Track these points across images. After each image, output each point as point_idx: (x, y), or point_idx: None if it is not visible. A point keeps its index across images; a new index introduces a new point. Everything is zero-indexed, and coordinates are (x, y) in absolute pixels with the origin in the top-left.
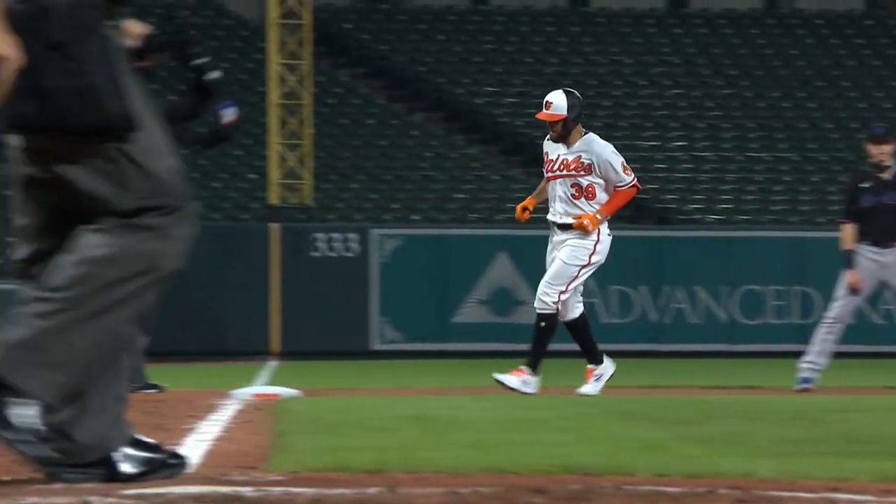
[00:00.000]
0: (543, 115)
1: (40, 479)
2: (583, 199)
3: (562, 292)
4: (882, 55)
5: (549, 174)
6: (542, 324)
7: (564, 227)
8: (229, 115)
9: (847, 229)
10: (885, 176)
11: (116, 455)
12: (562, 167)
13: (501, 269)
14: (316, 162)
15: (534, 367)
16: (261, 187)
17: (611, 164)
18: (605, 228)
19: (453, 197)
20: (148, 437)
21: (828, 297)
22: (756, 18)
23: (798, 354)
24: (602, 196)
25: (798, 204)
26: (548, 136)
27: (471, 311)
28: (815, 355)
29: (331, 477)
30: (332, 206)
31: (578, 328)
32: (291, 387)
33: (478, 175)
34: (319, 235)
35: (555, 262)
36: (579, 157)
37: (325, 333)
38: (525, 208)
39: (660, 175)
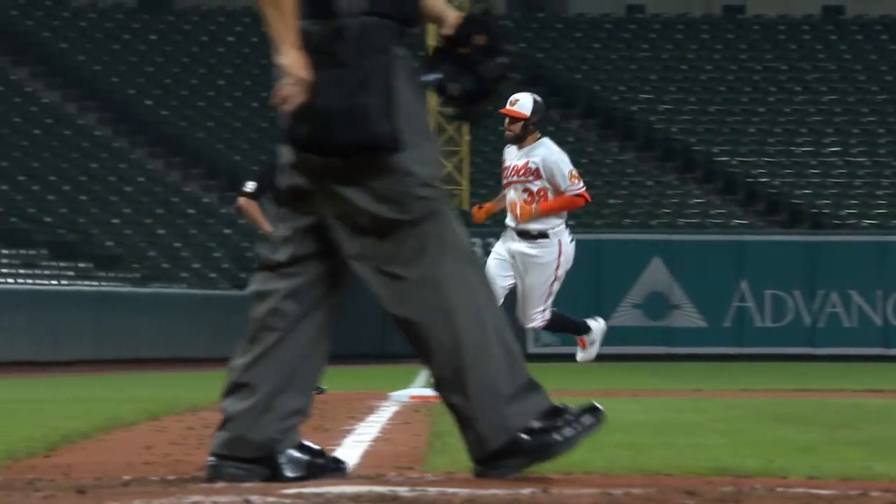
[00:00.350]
0: (507, 110)
1: (203, 478)
2: (535, 205)
3: (543, 310)
4: None
5: (505, 181)
6: (547, 329)
7: (522, 234)
8: (453, 89)
9: None
10: None
11: (281, 456)
12: (513, 173)
13: (655, 274)
14: (472, 168)
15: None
16: None
17: (557, 169)
18: (565, 238)
19: (608, 202)
20: (309, 438)
21: None
22: None
23: None
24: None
25: None
26: (508, 146)
27: (625, 315)
28: None
29: (484, 479)
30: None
31: (553, 324)
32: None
33: (632, 181)
34: (476, 240)
35: (525, 287)
36: (527, 161)
37: None
38: (485, 209)
39: (814, 180)
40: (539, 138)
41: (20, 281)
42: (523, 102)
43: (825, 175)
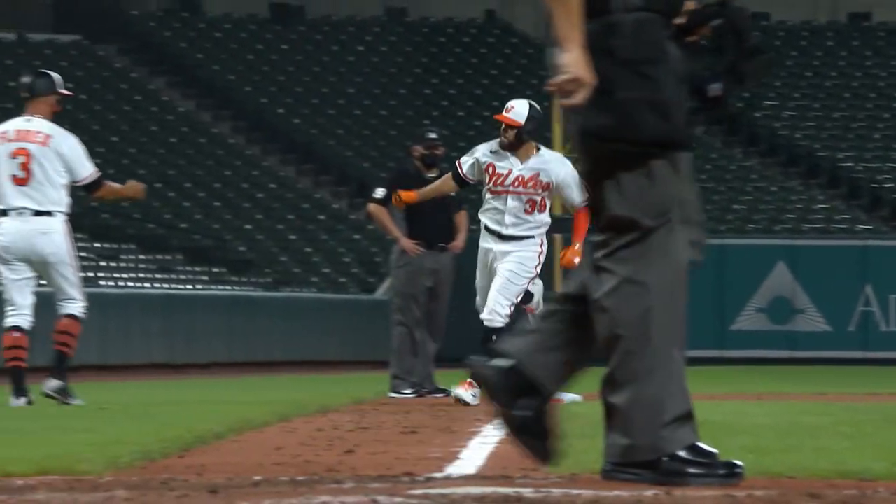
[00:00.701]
0: (503, 116)
1: (332, 478)
2: (535, 213)
3: (512, 304)
4: None
5: (499, 188)
6: (494, 338)
7: (511, 239)
8: (715, 90)
9: None
10: None
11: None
12: (517, 183)
13: (779, 278)
14: None
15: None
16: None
17: (574, 182)
18: (544, 237)
19: (732, 208)
20: (437, 439)
21: None
22: None
23: None
24: (547, 205)
25: None
26: (489, 148)
27: (749, 319)
28: None
29: (606, 484)
30: None
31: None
32: (573, 392)
33: (756, 186)
34: None
35: (502, 274)
36: (537, 174)
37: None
38: (404, 200)
39: None
40: (538, 149)
41: (156, 285)
42: (518, 110)
43: None
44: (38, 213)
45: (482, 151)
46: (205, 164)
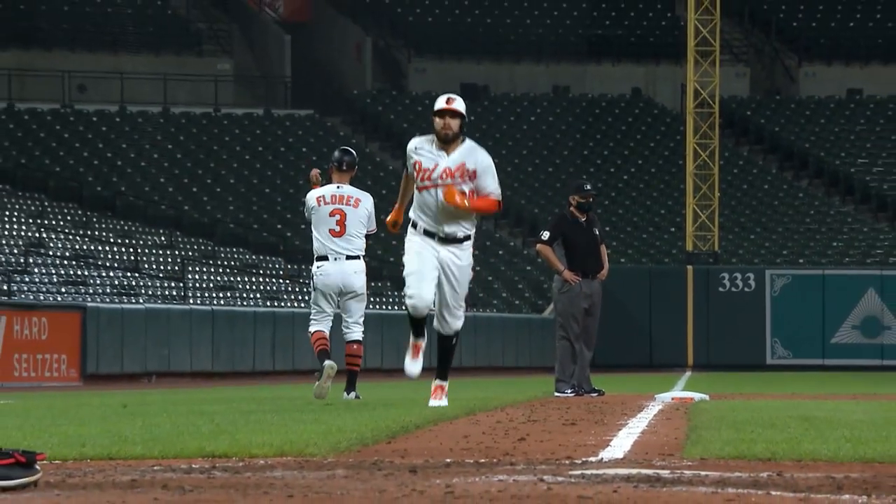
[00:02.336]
0: (450, 106)
1: (507, 461)
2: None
3: (464, 309)
4: None
5: (426, 182)
6: (454, 340)
7: (447, 240)
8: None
9: None
10: None
11: None
12: (445, 176)
13: (870, 301)
14: (721, 218)
15: (445, 377)
16: (679, 238)
17: (491, 172)
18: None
19: (832, 245)
20: (589, 431)
21: None
22: None
23: None
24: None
25: None
26: (415, 145)
27: (846, 335)
28: None
29: (731, 463)
30: (735, 252)
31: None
32: (702, 392)
33: (851, 227)
34: (725, 275)
35: (451, 284)
36: (464, 164)
37: (729, 351)
38: (395, 223)
39: None
40: (463, 140)
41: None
42: (459, 101)
43: None
44: (353, 258)
45: (410, 147)
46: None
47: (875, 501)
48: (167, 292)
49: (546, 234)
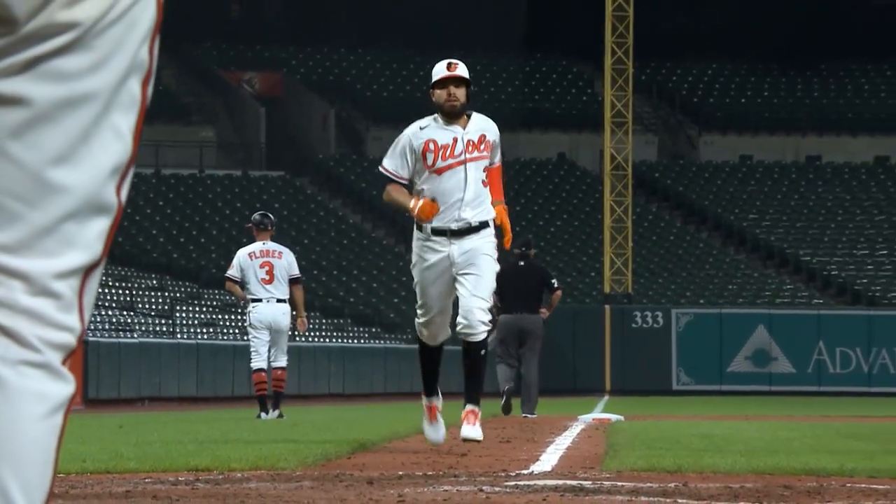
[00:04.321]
0: (454, 73)
1: (451, 474)
2: (487, 185)
3: (490, 309)
4: None
5: (449, 160)
6: (483, 351)
7: (462, 233)
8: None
9: None
10: None
11: None
12: (471, 148)
13: (760, 336)
14: (634, 264)
15: (477, 401)
16: (598, 281)
17: (499, 143)
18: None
19: (727, 287)
20: (521, 448)
21: None
22: None
23: None
24: None
25: None
26: (418, 126)
27: (740, 364)
28: None
29: (644, 475)
30: (645, 294)
31: (438, 354)
32: (618, 413)
33: (743, 273)
34: (637, 313)
35: (474, 272)
36: (484, 135)
37: (640, 378)
38: (431, 202)
39: (870, 271)
40: (468, 114)
41: (335, 341)
42: (462, 65)
43: (878, 268)
44: (281, 301)
45: (410, 134)
46: (366, 257)
47: None
48: (158, 328)
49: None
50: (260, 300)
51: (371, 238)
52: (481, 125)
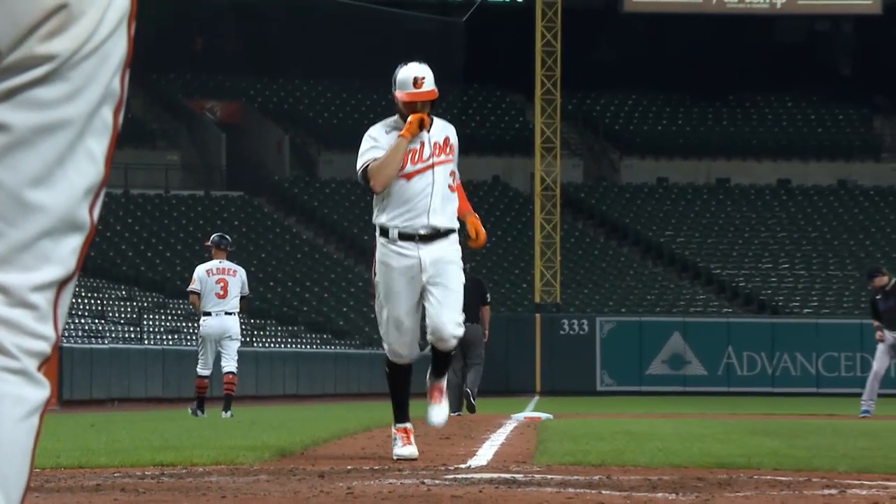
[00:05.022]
0: (421, 93)
1: (396, 468)
2: (454, 191)
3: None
4: None
5: (418, 165)
6: (453, 353)
7: (430, 237)
8: None
9: (875, 322)
10: (889, 290)
11: None
12: (438, 151)
13: (675, 342)
14: (562, 277)
15: (443, 375)
16: (530, 292)
17: (457, 148)
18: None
19: (646, 298)
20: (460, 444)
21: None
22: None
23: (859, 395)
24: None
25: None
26: (384, 129)
27: (657, 367)
28: (869, 395)
29: (571, 469)
30: (572, 303)
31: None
32: (547, 412)
33: (661, 285)
34: (565, 321)
35: (444, 284)
36: (448, 138)
37: (568, 380)
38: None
39: (773, 283)
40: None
41: (288, 346)
42: (429, 78)
43: (780, 280)
44: (229, 314)
45: (377, 135)
46: (318, 270)
47: (682, 498)
48: (127, 335)
49: None
50: (210, 314)
51: (322, 253)
52: (443, 127)
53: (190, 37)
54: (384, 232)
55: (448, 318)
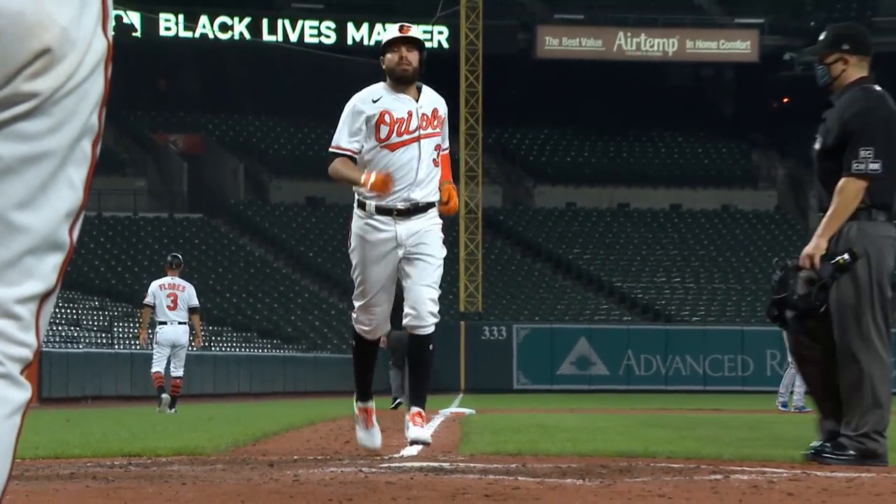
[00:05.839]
0: (406, 33)
1: (337, 458)
2: (437, 167)
3: (436, 301)
4: None
5: (404, 137)
6: (430, 346)
7: (409, 212)
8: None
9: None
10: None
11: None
12: (425, 124)
13: (582, 346)
14: (483, 289)
15: (423, 402)
16: (455, 302)
17: (446, 121)
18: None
19: (556, 307)
20: (394, 436)
21: (759, 364)
22: None
23: (740, 393)
24: None
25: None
26: (370, 97)
27: (566, 368)
28: (785, 389)
29: (491, 458)
30: (492, 312)
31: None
32: (471, 408)
33: (569, 296)
34: (486, 328)
35: (423, 259)
36: (436, 109)
37: (488, 379)
38: (384, 178)
39: (667, 294)
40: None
41: (241, 350)
42: (413, 29)
43: (673, 292)
44: (181, 324)
45: (361, 104)
46: (269, 283)
47: (588, 483)
48: (99, 340)
49: None
50: (165, 323)
51: (273, 268)
52: (433, 99)
53: (155, 78)
54: (361, 205)
55: (425, 293)
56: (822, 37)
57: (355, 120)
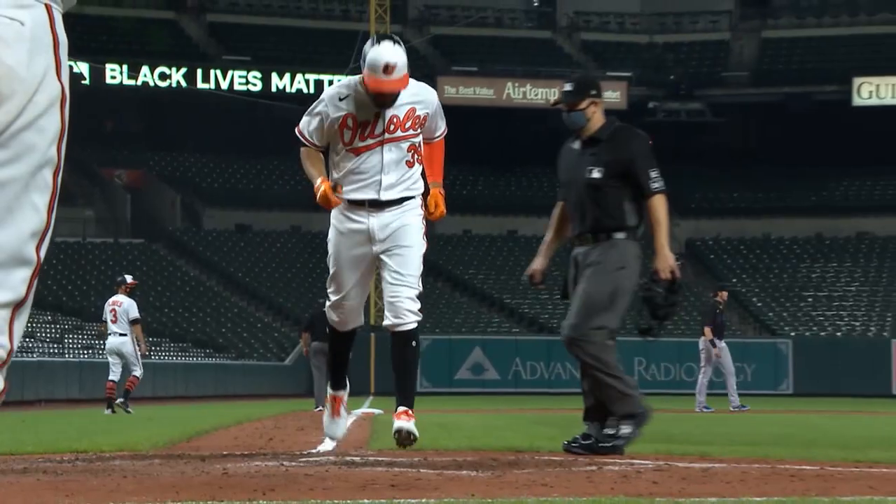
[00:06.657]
0: (392, 83)
1: (261, 453)
2: (416, 163)
3: (419, 296)
4: None
5: (368, 141)
6: (414, 343)
7: (383, 205)
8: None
9: (707, 331)
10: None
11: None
12: (393, 127)
13: (477, 354)
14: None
15: (411, 403)
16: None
17: (440, 110)
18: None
19: (454, 321)
20: (301, 437)
21: (629, 366)
22: None
23: (685, 396)
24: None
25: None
26: (337, 94)
27: (463, 375)
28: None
29: (397, 453)
30: None
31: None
32: (380, 409)
33: (466, 311)
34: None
35: (399, 252)
36: (413, 108)
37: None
38: (334, 189)
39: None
40: None
41: (177, 358)
42: (400, 63)
43: (555, 307)
44: (122, 335)
45: (329, 102)
46: (202, 299)
47: (481, 475)
48: (51, 350)
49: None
50: (110, 334)
51: (206, 286)
52: (413, 94)
53: (103, 120)
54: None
55: (403, 291)
56: (568, 87)
57: (321, 121)
